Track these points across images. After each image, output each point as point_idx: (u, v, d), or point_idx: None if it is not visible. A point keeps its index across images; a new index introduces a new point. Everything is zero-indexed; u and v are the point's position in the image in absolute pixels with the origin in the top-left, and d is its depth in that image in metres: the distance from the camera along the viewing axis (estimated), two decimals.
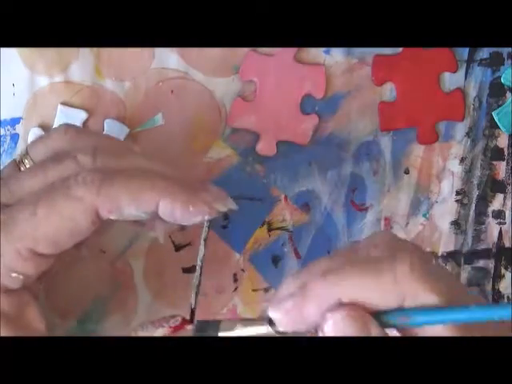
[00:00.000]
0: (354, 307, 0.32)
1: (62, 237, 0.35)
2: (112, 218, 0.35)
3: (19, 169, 0.38)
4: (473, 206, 0.49)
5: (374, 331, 0.32)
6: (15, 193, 0.36)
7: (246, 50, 0.46)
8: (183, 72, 0.46)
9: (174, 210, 0.35)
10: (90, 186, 0.34)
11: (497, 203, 0.49)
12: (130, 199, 0.35)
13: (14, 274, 0.35)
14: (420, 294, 0.32)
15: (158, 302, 0.46)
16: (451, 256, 0.49)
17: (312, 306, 0.32)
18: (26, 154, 0.38)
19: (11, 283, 0.35)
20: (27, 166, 0.38)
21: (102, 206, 0.35)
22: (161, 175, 0.36)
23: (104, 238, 0.45)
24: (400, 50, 0.47)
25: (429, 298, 0.32)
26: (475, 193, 0.49)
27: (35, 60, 0.44)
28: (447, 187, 0.49)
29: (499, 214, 0.49)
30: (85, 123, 0.45)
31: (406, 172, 0.48)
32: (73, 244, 0.36)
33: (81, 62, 0.45)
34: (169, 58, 0.46)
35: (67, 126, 0.39)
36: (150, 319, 0.37)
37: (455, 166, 0.49)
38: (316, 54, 0.47)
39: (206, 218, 0.36)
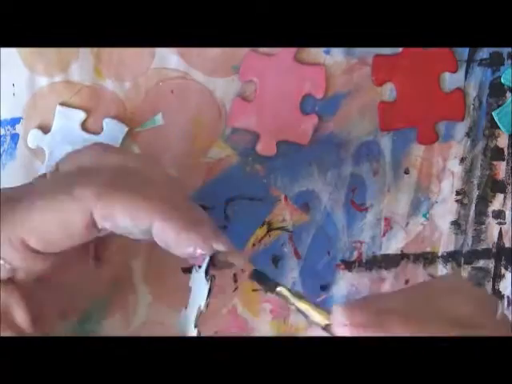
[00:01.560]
0: None
1: (53, 234, 0.35)
2: (107, 227, 0.35)
3: None
4: (473, 206, 0.49)
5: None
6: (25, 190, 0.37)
7: (246, 50, 0.46)
8: (183, 72, 0.46)
9: (166, 234, 0.35)
10: (92, 190, 0.35)
11: (497, 203, 0.49)
12: (126, 210, 0.35)
13: (1, 261, 0.35)
14: None
15: (157, 302, 0.46)
16: (451, 256, 0.49)
17: None
18: (56, 170, 0.38)
19: None
20: None
21: (98, 211, 0.35)
22: (163, 195, 0.36)
23: None
24: (400, 50, 0.47)
25: None
26: (475, 193, 0.49)
27: (35, 60, 0.44)
28: (447, 187, 0.49)
29: (499, 214, 0.49)
30: (83, 123, 0.45)
31: (406, 172, 0.48)
32: (65, 247, 0.36)
33: (81, 62, 0.45)
34: (169, 58, 0.46)
35: (95, 143, 0.40)
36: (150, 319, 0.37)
37: (455, 166, 0.49)
38: (316, 53, 0.47)
39: (199, 251, 0.36)
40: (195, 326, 0.36)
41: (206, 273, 0.36)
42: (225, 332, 0.47)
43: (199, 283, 0.37)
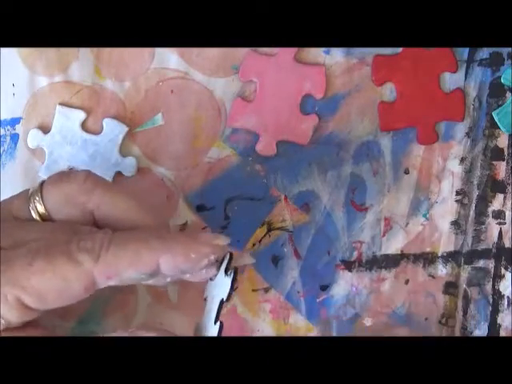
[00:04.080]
0: None
1: (51, 295, 0.35)
2: (111, 284, 0.35)
3: (29, 204, 0.38)
4: (473, 206, 0.49)
5: None
6: (16, 241, 0.36)
7: (245, 50, 0.46)
8: (183, 72, 0.46)
9: (177, 263, 0.35)
10: (91, 253, 0.35)
11: (497, 203, 0.49)
12: (128, 263, 0.35)
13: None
14: None
15: (157, 302, 0.46)
16: (451, 256, 0.49)
17: None
18: (39, 190, 0.38)
19: None
20: (36, 204, 0.38)
21: (100, 273, 0.35)
22: (155, 234, 0.36)
23: None
24: (400, 49, 0.47)
25: None
26: (475, 193, 0.49)
27: (35, 60, 0.44)
28: (447, 187, 0.49)
29: (499, 214, 0.49)
30: (83, 123, 0.45)
31: (406, 172, 0.48)
32: (60, 305, 0.36)
33: (81, 62, 0.45)
34: (169, 58, 0.46)
35: (87, 175, 0.38)
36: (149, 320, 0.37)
37: (455, 166, 0.49)
38: (316, 53, 0.47)
39: (212, 258, 0.36)
40: (215, 322, 0.36)
41: (226, 271, 0.37)
42: (224, 332, 0.47)
43: (219, 284, 0.37)
